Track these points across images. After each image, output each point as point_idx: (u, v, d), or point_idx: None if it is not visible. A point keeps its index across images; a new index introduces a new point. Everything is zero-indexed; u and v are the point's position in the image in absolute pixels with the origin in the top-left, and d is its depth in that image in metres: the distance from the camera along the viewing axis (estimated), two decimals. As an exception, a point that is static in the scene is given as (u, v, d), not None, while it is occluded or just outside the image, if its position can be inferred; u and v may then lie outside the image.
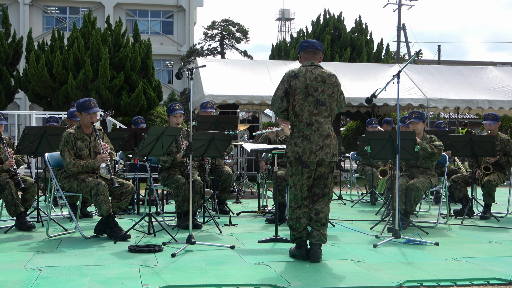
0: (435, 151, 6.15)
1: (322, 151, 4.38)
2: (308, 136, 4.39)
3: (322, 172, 4.48)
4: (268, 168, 7.18)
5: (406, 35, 33.94)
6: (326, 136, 4.41)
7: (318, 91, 4.43)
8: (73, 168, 5.46)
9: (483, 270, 4.14)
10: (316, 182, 4.51)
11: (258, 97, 12.73)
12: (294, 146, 4.42)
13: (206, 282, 3.76)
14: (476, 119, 27.11)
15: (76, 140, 5.54)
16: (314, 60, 4.57)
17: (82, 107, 5.54)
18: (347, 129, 20.24)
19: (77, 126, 5.67)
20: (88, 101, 5.56)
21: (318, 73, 4.47)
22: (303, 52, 4.61)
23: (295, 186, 4.47)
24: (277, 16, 58.19)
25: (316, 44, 4.61)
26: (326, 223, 4.50)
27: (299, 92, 4.42)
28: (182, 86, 30.76)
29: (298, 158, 4.39)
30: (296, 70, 4.51)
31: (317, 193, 4.52)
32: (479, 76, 14.98)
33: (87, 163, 5.51)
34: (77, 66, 14.98)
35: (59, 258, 4.52)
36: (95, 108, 5.57)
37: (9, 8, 26.97)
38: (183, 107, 6.64)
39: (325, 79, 4.47)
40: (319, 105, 4.43)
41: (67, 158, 5.45)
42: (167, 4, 31.81)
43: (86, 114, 5.54)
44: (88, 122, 5.58)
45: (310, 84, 4.42)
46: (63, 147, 5.48)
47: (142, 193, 8.01)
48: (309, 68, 4.50)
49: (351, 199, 9.17)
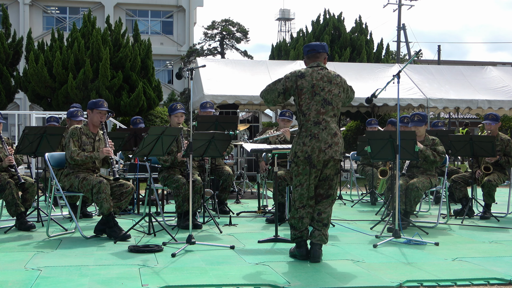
0: (437, 160, 6.17)
1: (331, 149, 4.40)
2: (316, 134, 4.40)
3: (327, 173, 4.50)
4: (268, 168, 7.18)
5: (406, 35, 33.98)
6: (334, 134, 4.43)
7: (325, 90, 4.46)
8: (77, 157, 5.53)
9: (483, 270, 4.15)
10: (321, 183, 4.52)
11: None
12: (303, 146, 4.42)
13: (206, 282, 3.76)
14: (476, 119, 27.13)
15: (82, 135, 5.67)
16: (320, 61, 4.60)
17: (95, 105, 5.73)
18: (347, 129, 20.22)
19: (84, 123, 5.82)
20: (101, 100, 5.81)
21: (324, 73, 4.51)
22: (306, 57, 4.67)
23: (301, 185, 4.46)
24: (277, 16, 58.17)
25: (317, 47, 4.61)
26: (328, 224, 4.51)
27: (306, 91, 4.45)
28: (182, 86, 30.77)
29: (307, 157, 4.39)
30: (302, 70, 4.55)
31: (322, 194, 4.54)
32: (479, 76, 14.97)
33: (92, 154, 5.62)
34: (77, 66, 14.97)
35: (59, 258, 4.53)
36: (106, 108, 5.79)
37: (9, 8, 26.97)
38: (184, 107, 6.64)
39: (331, 79, 4.50)
40: (326, 104, 4.45)
41: (72, 147, 5.56)
42: (167, 4, 31.83)
43: (97, 112, 5.70)
44: (97, 120, 5.74)
45: (317, 83, 4.45)
46: (68, 138, 5.61)
47: (142, 193, 8.01)
48: (316, 68, 4.54)
49: (351, 199, 9.17)
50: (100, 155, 5.66)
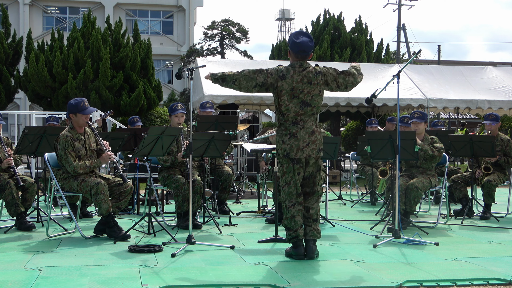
0: (436, 154, 6.16)
1: (309, 148, 4.50)
2: (295, 133, 4.49)
3: (310, 171, 4.61)
4: (268, 168, 7.17)
5: (406, 35, 33.98)
6: (311, 132, 4.52)
7: (304, 92, 4.50)
8: (80, 170, 5.45)
9: (483, 270, 4.15)
10: (306, 182, 4.62)
11: (257, 97, 12.72)
12: (282, 144, 4.54)
13: (206, 282, 3.76)
14: (476, 119, 27.13)
15: (73, 142, 5.52)
16: (303, 62, 4.57)
17: (77, 109, 5.50)
18: (347, 129, 20.24)
19: (70, 127, 5.61)
20: (81, 101, 5.52)
21: (305, 74, 4.50)
22: (293, 54, 4.58)
23: (288, 184, 4.56)
24: (277, 16, 58.16)
25: (307, 49, 4.53)
26: (317, 219, 4.62)
27: (285, 93, 4.51)
28: (182, 86, 30.77)
29: (285, 155, 4.51)
30: (284, 70, 4.53)
31: (308, 192, 4.64)
32: (479, 76, 14.97)
33: (93, 163, 5.53)
34: (77, 66, 14.97)
35: (59, 258, 4.52)
36: (91, 108, 5.58)
37: (9, 8, 26.96)
38: (185, 107, 6.65)
39: (312, 80, 4.50)
40: (305, 106, 4.51)
41: (72, 161, 5.42)
42: (167, 4, 31.82)
43: (82, 115, 5.53)
44: (84, 122, 5.58)
45: (296, 86, 4.49)
46: (63, 151, 5.43)
47: (142, 193, 8.01)
48: (297, 69, 4.52)
49: (351, 199, 9.16)
50: (102, 161, 5.62)
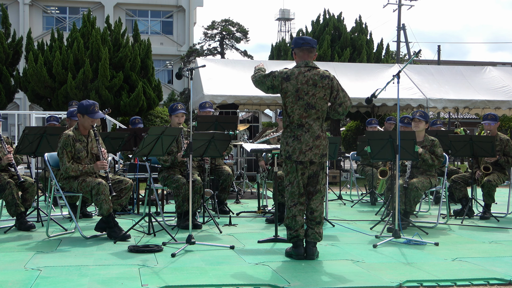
0: (436, 163, 6.17)
1: (311, 152, 4.49)
2: (299, 136, 4.49)
3: (314, 170, 4.61)
4: (268, 168, 7.18)
5: (406, 35, 33.92)
6: (316, 137, 4.50)
7: (309, 94, 4.48)
8: (72, 173, 5.46)
9: (483, 270, 4.15)
10: (310, 181, 4.62)
11: (257, 97, 12.72)
12: (286, 145, 4.55)
13: (206, 282, 3.76)
14: (475, 119, 27.15)
15: (75, 142, 5.53)
16: (308, 60, 4.57)
17: (86, 111, 5.53)
18: (347, 129, 20.25)
19: (74, 127, 5.65)
20: (92, 105, 5.56)
21: (310, 76, 4.49)
22: (298, 50, 4.61)
23: (291, 184, 4.56)
24: (277, 16, 58.17)
25: (312, 42, 4.61)
26: (321, 221, 4.59)
27: (290, 95, 4.51)
28: (182, 86, 30.78)
29: (288, 157, 4.53)
30: (289, 71, 4.54)
31: (311, 191, 4.63)
32: (478, 76, 14.97)
33: (86, 168, 5.50)
34: (77, 66, 14.96)
35: (59, 258, 4.53)
36: (100, 113, 5.62)
37: (9, 8, 26.96)
38: (185, 107, 6.65)
39: (317, 82, 4.49)
40: (309, 109, 4.50)
41: (66, 162, 5.44)
42: (167, 4, 31.82)
43: (89, 118, 5.55)
44: (89, 125, 5.60)
45: (301, 87, 4.48)
46: (61, 150, 5.46)
47: (142, 193, 8.01)
48: (302, 70, 4.52)
49: (351, 199, 9.16)
50: (95, 169, 5.53)
